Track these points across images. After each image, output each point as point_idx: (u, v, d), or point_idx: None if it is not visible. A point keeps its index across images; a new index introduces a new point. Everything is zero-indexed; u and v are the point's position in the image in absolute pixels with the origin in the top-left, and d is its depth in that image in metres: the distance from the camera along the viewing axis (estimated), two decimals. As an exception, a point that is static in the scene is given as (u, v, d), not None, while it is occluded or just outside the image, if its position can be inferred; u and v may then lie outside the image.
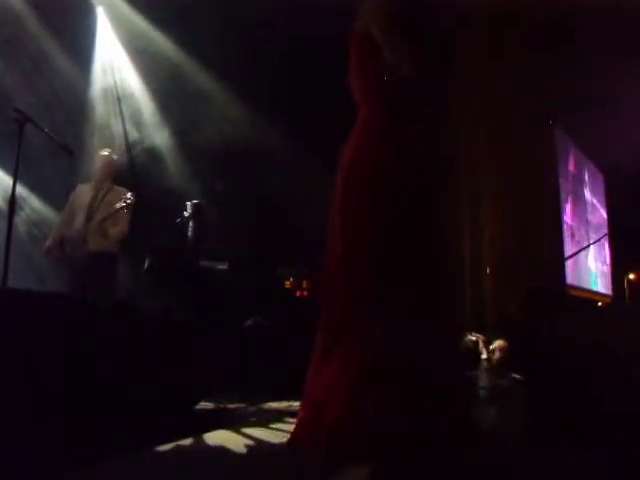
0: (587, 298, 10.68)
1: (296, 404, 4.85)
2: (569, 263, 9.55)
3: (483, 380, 4.29)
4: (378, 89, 2.14)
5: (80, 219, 5.09)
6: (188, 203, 6.02)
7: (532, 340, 4.95)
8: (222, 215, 6.62)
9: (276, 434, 3.85)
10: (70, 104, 6.83)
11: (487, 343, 4.40)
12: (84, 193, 5.26)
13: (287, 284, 6.64)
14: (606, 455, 3.26)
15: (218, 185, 6.76)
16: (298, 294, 6.62)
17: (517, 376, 4.28)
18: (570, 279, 9.57)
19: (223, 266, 6.04)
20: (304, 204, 6.54)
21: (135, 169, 6.98)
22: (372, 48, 2.08)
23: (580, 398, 4.40)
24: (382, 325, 1.95)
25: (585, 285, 10.79)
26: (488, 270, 6.53)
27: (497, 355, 4.34)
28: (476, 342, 4.41)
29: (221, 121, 6.96)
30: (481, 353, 4.37)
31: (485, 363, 4.33)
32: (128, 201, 5.00)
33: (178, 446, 3.33)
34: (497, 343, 4.39)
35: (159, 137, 7.20)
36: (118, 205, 4.97)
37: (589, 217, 11.67)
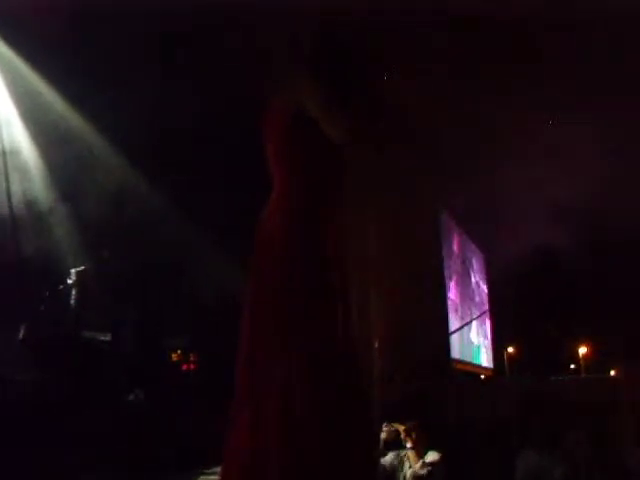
0: (471, 371, 11.07)
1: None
2: (454, 338, 9.89)
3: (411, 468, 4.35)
4: (303, 170, 2.15)
5: None
6: (72, 270, 5.75)
7: (421, 414, 5.04)
8: (107, 284, 6.35)
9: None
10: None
11: (407, 431, 4.45)
12: None
13: (174, 357, 6.42)
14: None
15: (104, 252, 6.51)
16: (185, 367, 6.41)
17: (434, 456, 4.33)
18: (455, 353, 9.90)
19: (106, 337, 5.75)
20: (193, 275, 6.45)
21: (16, 231, 6.61)
22: (303, 127, 2.09)
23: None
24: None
25: (468, 359, 11.18)
26: (376, 344, 6.62)
27: (414, 435, 4.40)
28: (397, 431, 4.46)
29: (111, 187, 6.78)
30: (405, 442, 4.41)
31: (410, 451, 4.38)
32: None
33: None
34: (409, 424, 4.45)
35: (44, 198, 6.88)
36: None
37: (472, 294, 12.23)
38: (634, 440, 4.63)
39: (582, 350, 16.16)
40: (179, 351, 6.47)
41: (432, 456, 4.35)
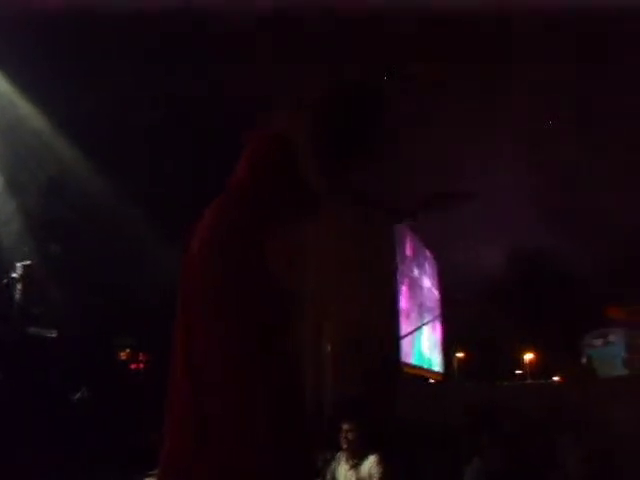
0: (421, 375, 11.21)
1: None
2: (405, 342, 9.99)
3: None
4: (264, 192, 2.13)
5: None
6: (17, 264, 5.58)
7: (371, 418, 5.05)
8: (55, 279, 6.18)
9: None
10: None
11: (344, 432, 4.38)
12: None
13: (122, 355, 6.31)
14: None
15: (53, 247, 6.33)
16: (134, 366, 6.30)
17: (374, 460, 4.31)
18: (406, 357, 10.00)
19: (52, 334, 5.60)
20: (144, 274, 6.33)
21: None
22: (284, 154, 2.08)
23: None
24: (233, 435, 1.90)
25: (419, 363, 11.32)
26: (329, 348, 6.64)
27: (350, 436, 4.34)
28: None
29: (62, 181, 6.60)
30: (342, 443, 4.35)
31: (344, 452, 4.35)
32: None
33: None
34: (346, 426, 4.39)
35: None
36: None
37: (424, 299, 12.39)
38: (573, 441, 4.74)
39: (528, 356, 16.55)
40: (128, 350, 6.35)
41: (371, 460, 4.33)
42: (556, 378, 10.13)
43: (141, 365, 6.33)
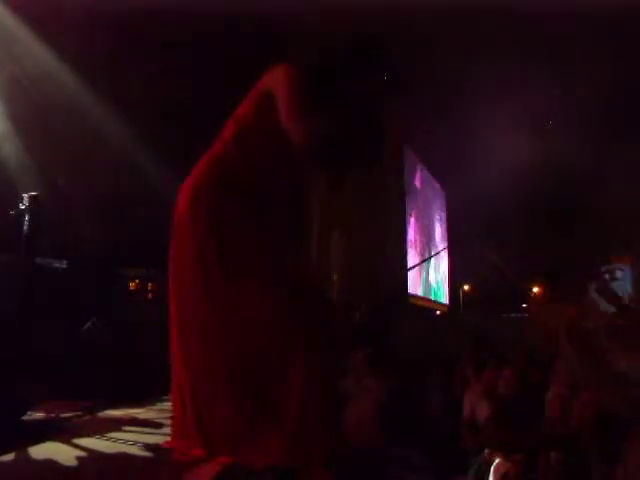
0: (427, 307, 11.34)
1: (134, 411, 4.66)
2: (411, 274, 10.07)
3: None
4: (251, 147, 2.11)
5: None
6: (24, 195, 5.56)
7: (375, 345, 5.14)
8: (63, 210, 6.18)
9: (113, 445, 3.63)
10: None
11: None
12: None
13: (131, 285, 6.38)
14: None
15: (59, 179, 6.31)
16: (143, 296, 6.38)
17: None
18: (412, 289, 10.10)
19: (61, 264, 5.65)
20: (152, 203, 6.32)
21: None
22: (268, 109, 2.05)
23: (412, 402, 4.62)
24: None
25: (426, 295, 11.44)
26: (335, 278, 6.70)
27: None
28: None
29: (69, 111, 6.51)
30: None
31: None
32: None
33: (1, 462, 3.02)
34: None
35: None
36: None
37: (431, 231, 12.39)
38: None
39: (535, 289, 16.64)
40: (137, 280, 6.42)
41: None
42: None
43: (150, 295, 6.40)
